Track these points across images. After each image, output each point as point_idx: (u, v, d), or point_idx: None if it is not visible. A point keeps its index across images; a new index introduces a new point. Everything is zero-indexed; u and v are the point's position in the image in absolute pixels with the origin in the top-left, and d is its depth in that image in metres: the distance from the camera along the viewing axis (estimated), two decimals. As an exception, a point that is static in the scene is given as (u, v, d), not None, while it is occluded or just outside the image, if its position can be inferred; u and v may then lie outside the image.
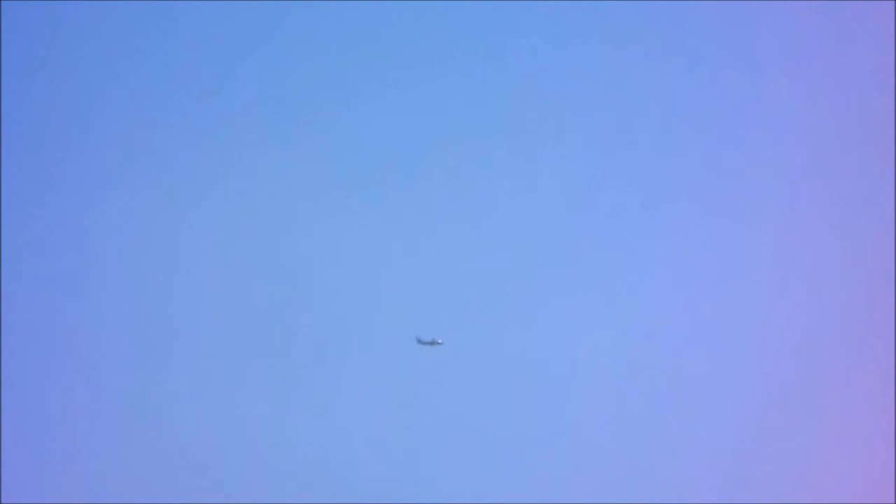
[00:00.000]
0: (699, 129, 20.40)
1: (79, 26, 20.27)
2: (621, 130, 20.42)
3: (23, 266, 19.73)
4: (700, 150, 20.34)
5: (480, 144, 20.44)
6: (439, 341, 19.27)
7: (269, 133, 20.31)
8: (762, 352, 19.71)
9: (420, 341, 19.26)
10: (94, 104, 20.24)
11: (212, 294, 19.89)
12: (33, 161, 19.99)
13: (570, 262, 20.18)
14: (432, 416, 19.52)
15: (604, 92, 20.59)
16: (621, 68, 20.60)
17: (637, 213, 20.18)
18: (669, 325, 19.82)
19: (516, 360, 19.67)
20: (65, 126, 20.11)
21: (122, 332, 19.70)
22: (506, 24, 20.62)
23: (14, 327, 19.44)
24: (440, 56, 20.62)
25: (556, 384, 19.67)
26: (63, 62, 20.22)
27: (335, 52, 20.56)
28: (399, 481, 19.15)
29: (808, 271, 19.87)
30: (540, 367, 19.65)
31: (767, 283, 19.91)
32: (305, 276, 20.03)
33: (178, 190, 20.16)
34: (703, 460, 19.33)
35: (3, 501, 18.90)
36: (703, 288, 20.06)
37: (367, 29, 20.70)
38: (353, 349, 19.82)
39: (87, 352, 19.61)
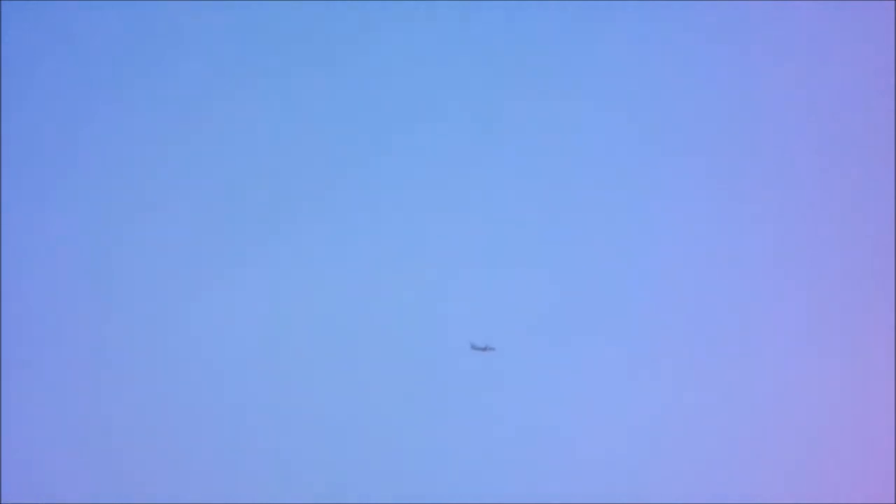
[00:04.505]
0: (699, 126, 20.42)
1: (74, 25, 20.30)
2: (623, 126, 20.43)
3: (22, 266, 19.76)
4: (701, 148, 20.35)
5: (481, 141, 20.45)
6: (492, 347, 19.20)
7: (270, 136, 20.34)
8: (763, 351, 19.73)
9: (474, 347, 19.21)
10: (88, 102, 20.27)
11: (214, 293, 19.92)
12: (32, 160, 20.02)
13: (569, 261, 20.20)
14: (433, 415, 19.55)
15: (603, 90, 20.60)
16: (621, 66, 20.61)
17: (638, 212, 20.20)
18: (672, 327, 19.85)
19: (519, 358, 19.69)
20: (56, 125, 20.15)
21: (120, 329, 19.73)
22: (506, 17, 20.65)
23: (14, 326, 19.46)
24: (439, 52, 20.64)
25: (559, 383, 19.70)
26: (59, 61, 20.24)
27: (332, 49, 20.58)
28: (401, 482, 19.18)
29: (810, 273, 19.88)
30: (541, 367, 19.68)
31: (768, 281, 19.94)
32: (306, 275, 20.05)
33: (174, 184, 20.19)
34: (703, 460, 19.35)
35: (3, 502, 18.92)
36: (705, 287, 20.08)
37: (366, 23, 20.73)
38: (352, 350, 19.86)
39: (87, 350, 19.64)
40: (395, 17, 20.64)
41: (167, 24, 20.36)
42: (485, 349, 19.19)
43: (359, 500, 19.22)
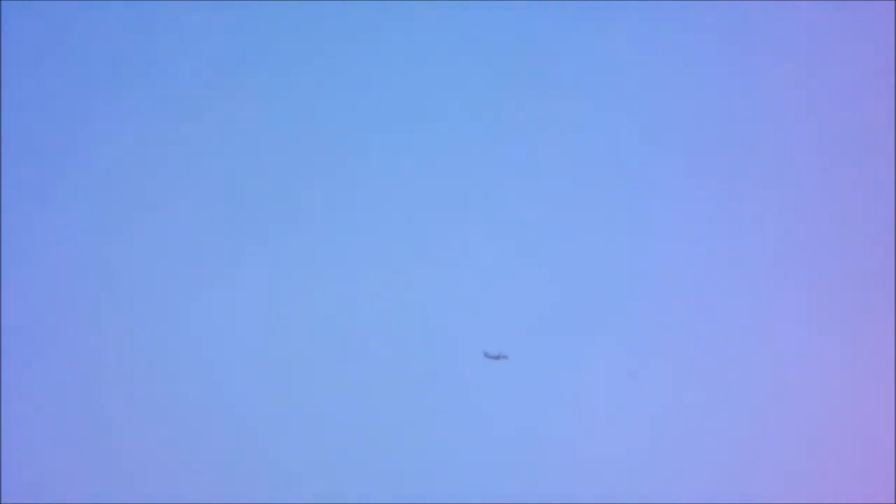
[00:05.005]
0: (700, 126, 20.47)
1: (75, 25, 20.32)
2: (623, 126, 20.48)
3: (20, 264, 19.76)
4: (701, 148, 20.41)
5: (481, 141, 20.49)
6: (506, 356, 19.15)
7: (270, 135, 20.37)
8: (765, 351, 19.79)
9: (487, 355, 19.16)
10: (89, 102, 20.29)
11: (214, 292, 19.94)
12: (33, 160, 20.03)
13: (569, 261, 20.24)
14: (433, 415, 19.58)
15: (603, 90, 20.65)
16: (621, 66, 20.66)
17: (638, 211, 20.24)
18: (673, 327, 19.90)
19: (520, 358, 19.73)
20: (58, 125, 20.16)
21: (120, 328, 19.74)
22: (506, 17, 20.71)
23: (14, 327, 19.47)
24: (439, 52, 20.70)
25: (560, 383, 19.73)
26: (58, 59, 20.25)
27: (332, 49, 20.62)
28: (401, 482, 19.22)
29: (810, 273, 19.94)
30: (542, 367, 19.71)
31: (770, 282, 19.99)
32: (307, 274, 20.08)
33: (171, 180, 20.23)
34: (707, 460, 19.39)
35: (3, 501, 18.93)
36: (706, 287, 20.14)
37: (366, 23, 20.79)
38: (353, 349, 19.88)
39: (87, 350, 19.65)
40: (395, 17, 20.69)
41: (167, 23, 20.39)
42: (497, 357, 19.15)
43: (359, 501, 19.25)
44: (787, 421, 19.76)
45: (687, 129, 20.66)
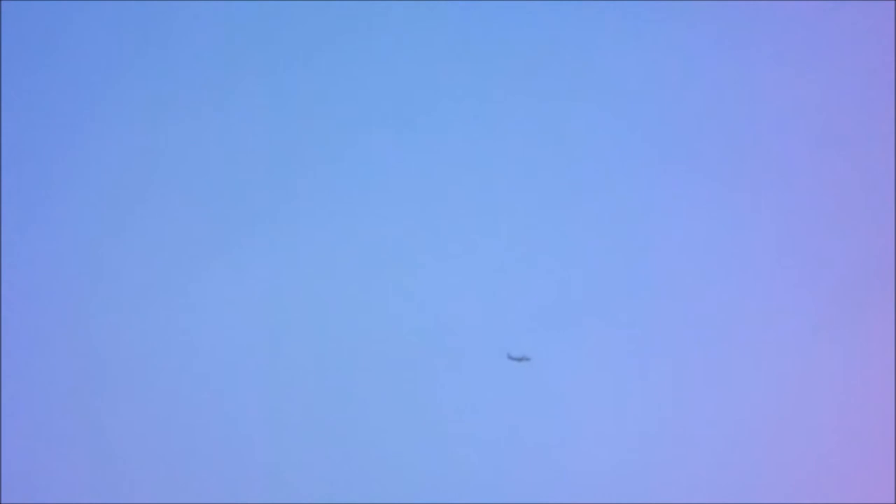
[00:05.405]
0: (701, 125, 20.52)
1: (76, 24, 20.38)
2: (624, 125, 20.52)
3: (23, 266, 19.81)
4: (703, 147, 20.45)
5: (484, 139, 20.55)
6: (528, 357, 19.12)
7: (268, 132, 20.42)
8: (769, 352, 19.83)
9: (510, 357, 19.13)
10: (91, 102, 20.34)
11: (214, 290, 19.98)
12: (34, 159, 20.09)
13: (572, 260, 20.29)
14: (435, 414, 19.62)
15: (605, 88, 20.71)
16: (624, 64, 20.72)
17: (640, 211, 20.29)
18: (678, 328, 19.94)
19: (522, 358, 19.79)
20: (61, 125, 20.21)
21: (118, 327, 19.77)
22: (505, 17, 20.77)
23: (14, 327, 19.52)
24: (438, 51, 20.77)
25: (563, 382, 19.76)
26: (60, 60, 20.32)
27: (330, 46, 20.71)
28: (401, 482, 19.27)
29: (813, 273, 19.99)
30: (544, 367, 19.74)
31: (774, 282, 20.04)
32: (305, 273, 20.11)
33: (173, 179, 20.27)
34: (701, 460, 19.44)
35: (3, 501, 18.97)
36: (711, 287, 20.19)
37: (365, 21, 20.86)
38: (352, 347, 19.91)
39: (87, 348, 19.69)
40: (395, 16, 20.74)
41: (165, 18, 20.43)
42: (521, 360, 19.13)
43: (359, 500, 19.29)
44: (787, 421, 19.74)
45: (688, 128, 20.64)
